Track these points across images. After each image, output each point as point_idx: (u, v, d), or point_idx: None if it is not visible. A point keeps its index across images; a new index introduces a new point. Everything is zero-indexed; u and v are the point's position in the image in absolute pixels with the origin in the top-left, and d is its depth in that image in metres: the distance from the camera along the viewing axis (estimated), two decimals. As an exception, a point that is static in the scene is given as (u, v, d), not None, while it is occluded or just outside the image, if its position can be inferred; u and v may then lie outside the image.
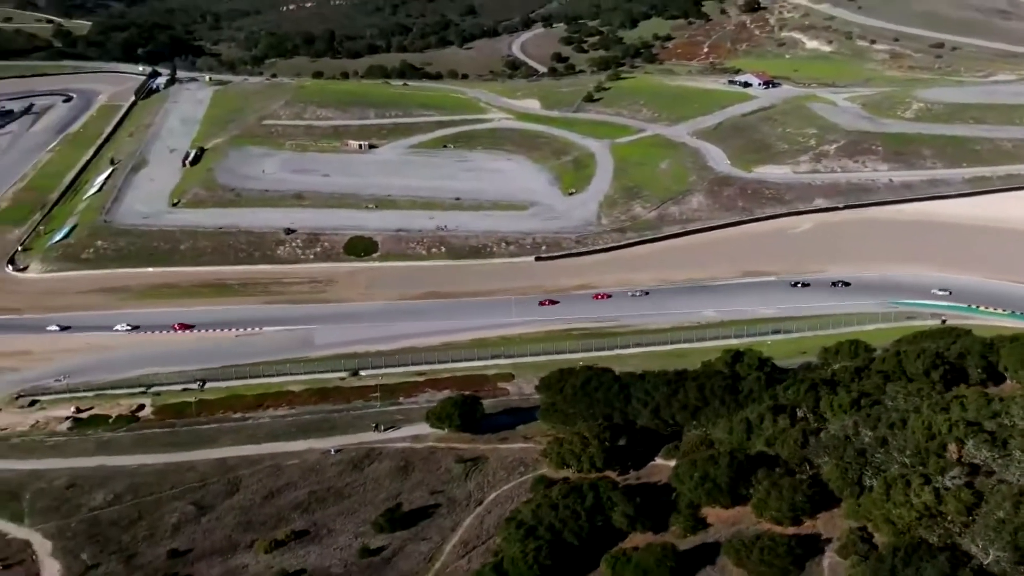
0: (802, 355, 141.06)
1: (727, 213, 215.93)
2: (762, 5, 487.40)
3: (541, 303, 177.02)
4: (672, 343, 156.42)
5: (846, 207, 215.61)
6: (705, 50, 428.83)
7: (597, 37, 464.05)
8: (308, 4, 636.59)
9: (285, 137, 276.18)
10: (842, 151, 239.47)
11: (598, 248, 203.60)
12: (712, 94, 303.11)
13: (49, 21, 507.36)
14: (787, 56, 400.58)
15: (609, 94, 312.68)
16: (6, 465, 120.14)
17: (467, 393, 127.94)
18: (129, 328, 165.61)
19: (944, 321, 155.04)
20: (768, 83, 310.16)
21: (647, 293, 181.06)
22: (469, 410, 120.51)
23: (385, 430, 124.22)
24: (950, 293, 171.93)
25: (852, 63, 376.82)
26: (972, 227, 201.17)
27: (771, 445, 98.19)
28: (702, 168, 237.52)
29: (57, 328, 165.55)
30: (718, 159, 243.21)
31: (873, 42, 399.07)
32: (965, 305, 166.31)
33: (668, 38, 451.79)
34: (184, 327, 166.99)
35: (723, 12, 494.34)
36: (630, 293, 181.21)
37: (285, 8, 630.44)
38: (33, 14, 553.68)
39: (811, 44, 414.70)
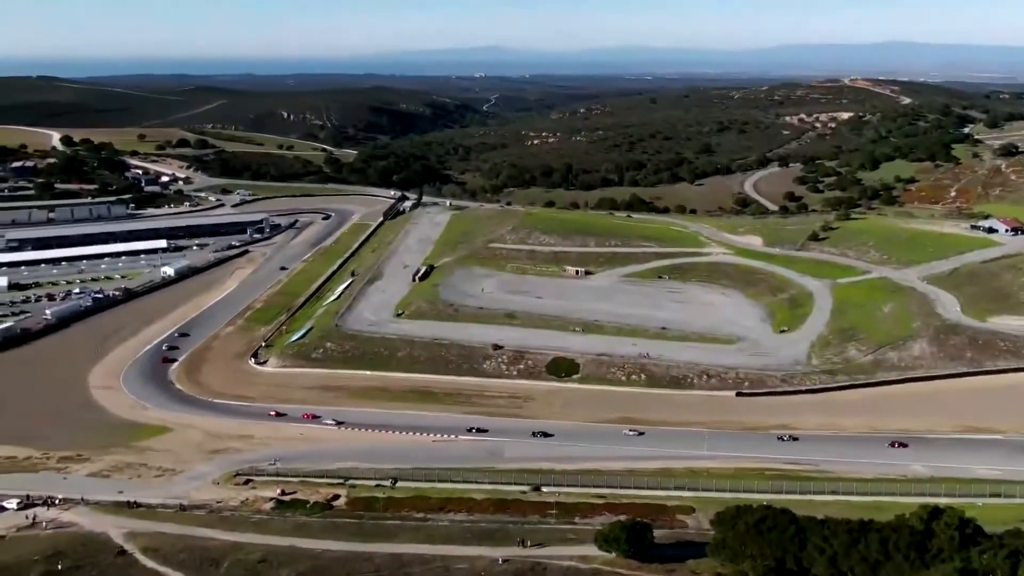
0: (1022, 523, 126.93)
1: (953, 363, 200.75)
2: (1020, 150, 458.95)
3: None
4: (872, 495, 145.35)
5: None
6: (952, 194, 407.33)
7: (834, 178, 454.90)
8: (551, 140, 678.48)
9: (508, 260, 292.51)
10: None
11: (804, 388, 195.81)
12: (949, 238, 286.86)
13: (324, 150, 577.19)
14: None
15: (836, 234, 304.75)
16: (214, 534, 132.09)
17: (637, 519, 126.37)
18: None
19: None
20: (1016, 230, 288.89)
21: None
22: (637, 536, 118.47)
23: (529, 547, 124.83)
24: None
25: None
26: None
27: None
28: (929, 314, 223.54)
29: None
30: (948, 306, 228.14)
31: None
32: None
33: (911, 180, 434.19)
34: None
35: (975, 156, 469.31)
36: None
37: (529, 143, 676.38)
38: (311, 143, 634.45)
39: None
